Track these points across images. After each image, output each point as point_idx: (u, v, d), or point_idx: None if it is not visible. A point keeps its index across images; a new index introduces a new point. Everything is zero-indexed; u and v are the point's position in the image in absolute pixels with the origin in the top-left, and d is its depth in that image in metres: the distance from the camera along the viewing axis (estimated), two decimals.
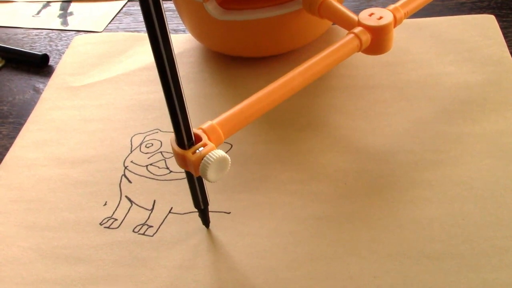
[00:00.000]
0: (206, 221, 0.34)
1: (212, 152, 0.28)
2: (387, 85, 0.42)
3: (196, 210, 0.33)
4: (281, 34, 0.43)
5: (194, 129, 0.29)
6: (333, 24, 0.48)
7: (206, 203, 0.32)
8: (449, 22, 0.47)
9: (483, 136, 0.37)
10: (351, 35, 0.36)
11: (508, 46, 0.43)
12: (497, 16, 0.47)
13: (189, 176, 0.31)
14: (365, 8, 0.37)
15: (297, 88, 0.34)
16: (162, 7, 0.24)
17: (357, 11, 0.39)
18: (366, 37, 0.36)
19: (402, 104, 0.40)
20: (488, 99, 0.40)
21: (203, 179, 0.30)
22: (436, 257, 0.31)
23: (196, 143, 0.29)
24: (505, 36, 0.45)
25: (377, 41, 0.37)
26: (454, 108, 0.39)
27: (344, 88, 0.42)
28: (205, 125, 0.30)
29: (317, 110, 0.41)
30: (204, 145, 0.28)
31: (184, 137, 0.28)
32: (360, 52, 0.37)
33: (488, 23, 0.46)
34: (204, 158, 0.27)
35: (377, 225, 0.33)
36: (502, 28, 0.46)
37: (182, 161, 0.29)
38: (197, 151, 0.28)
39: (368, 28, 0.36)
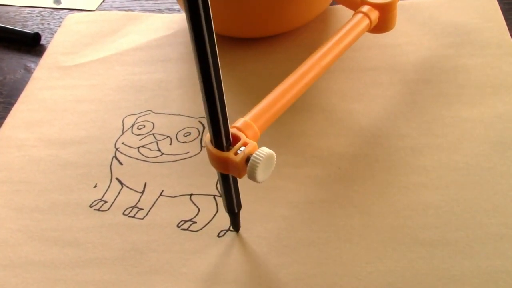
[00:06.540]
0: (237, 226, 0.32)
1: (259, 150, 0.25)
2: (384, 68, 0.41)
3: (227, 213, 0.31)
4: (280, 13, 0.42)
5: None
6: (331, 5, 0.47)
7: (239, 206, 0.30)
8: (449, 3, 0.46)
9: (481, 121, 0.36)
10: (360, 15, 0.35)
11: (509, 29, 0.43)
12: None
13: (225, 179, 0.28)
14: None
15: (318, 76, 0.32)
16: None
17: None
18: (375, 15, 0.35)
19: (399, 87, 0.40)
20: (487, 83, 0.39)
21: (237, 179, 0.28)
22: (430, 243, 0.30)
23: (233, 143, 0.26)
24: (506, 18, 0.44)
25: (384, 18, 0.36)
26: (452, 91, 0.39)
27: (341, 70, 0.42)
28: (238, 123, 0.28)
29: (313, 92, 0.40)
30: (245, 144, 0.26)
31: (223, 138, 0.26)
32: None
33: (488, 5, 0.45)
34: (252, 157, 0.25)
35: (370, 210, 0.32)
36: (503, 10, 0.45)
37: (222, 164, 0.26)
38: (239, 151, 0.26)
39: (375, 6, 0.36)
